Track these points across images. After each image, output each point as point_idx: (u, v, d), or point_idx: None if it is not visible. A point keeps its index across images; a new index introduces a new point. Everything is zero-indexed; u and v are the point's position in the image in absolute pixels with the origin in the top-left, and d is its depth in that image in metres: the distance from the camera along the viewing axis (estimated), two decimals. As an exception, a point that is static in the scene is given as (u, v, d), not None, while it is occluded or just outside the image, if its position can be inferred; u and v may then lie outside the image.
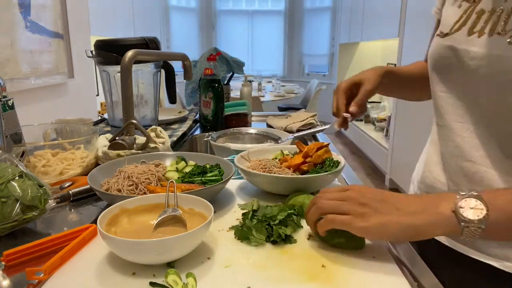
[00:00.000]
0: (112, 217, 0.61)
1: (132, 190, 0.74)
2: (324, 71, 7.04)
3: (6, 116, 0.81)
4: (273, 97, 4.77)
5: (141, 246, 0.52)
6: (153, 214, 0.65)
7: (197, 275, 0.52)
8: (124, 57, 1.01)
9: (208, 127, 1.49)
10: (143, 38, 1.31)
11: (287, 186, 0.77)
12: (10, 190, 0.64)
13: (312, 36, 7.04)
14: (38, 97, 1.83)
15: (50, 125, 1.09)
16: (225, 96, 1.61)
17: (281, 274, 0.53)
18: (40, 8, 1.76)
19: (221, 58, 1.79)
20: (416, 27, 3.23)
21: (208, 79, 1.45)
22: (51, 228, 0.70)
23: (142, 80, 1.39)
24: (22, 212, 0.64)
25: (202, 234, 0.57)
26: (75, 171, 0.92)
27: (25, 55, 1.63)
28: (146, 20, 5.20)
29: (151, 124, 1.40)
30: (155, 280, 0.51)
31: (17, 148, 0.83)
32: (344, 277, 0.53)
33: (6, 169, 0.67)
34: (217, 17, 7.20)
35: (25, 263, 0.57)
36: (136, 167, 0.81)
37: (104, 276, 0.53)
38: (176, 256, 0.55)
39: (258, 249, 0.60)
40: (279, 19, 7.24)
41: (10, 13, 1.53)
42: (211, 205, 0.61)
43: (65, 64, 2.02)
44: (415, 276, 0.55)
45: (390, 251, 0.60)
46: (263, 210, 0.66)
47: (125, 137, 0.99)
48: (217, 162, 0.87)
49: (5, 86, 0.82)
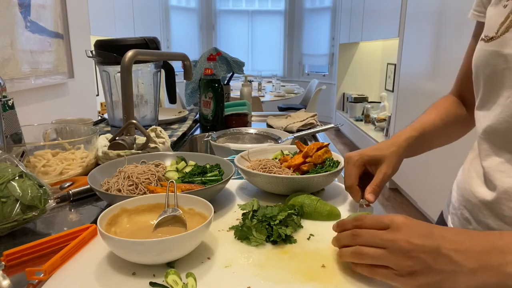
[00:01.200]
0: (112, 217, 0.61)
1: (132, 190, 0.74)
2: (324, 71, 7.04)
3: (6, 116, 0.81)
4: (273, 97, 4.77)
5: (141, 246, 0.52)
6: (153, 214, 0.65)
7: (197, 275, 0.52)
8: (124, 57, 1.01)
9: (208, 127, 1.49)
10: (143, 38, 1.31)
11: (287, 186, 0.77)
12: (10, 190, 0.64)
13: (312, 36, 7.04)
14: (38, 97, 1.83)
15: (50, 125, 1.09)
16: (225, 96, 1.61)
17: (281, 274, 0.53)
18: (40, 8, 1.76)
19: (221, 58, 1.79)
20: (416, 27, 3.23)
21: (208, 79, 1.45)
22: (51, 228, 0.70)
23: (142, 80, 1.39)
24: (22, 212, 0.64)
25: (202, 234, 0.57)
26: (75, 171, 0.92)
27: (25, 55, 1.63)
28: (146, 20, 5.20)
29: (151, 124, 1.40)
30: (155, 280, 0.51)
31: (17, 148, 0.83)
32: (344, 277, 0.53)
33: (6, 169, 0.67)
34: (217, 17, 7.20)
35: (25, 263, 0.57)
36: (136, 167, 0.81)
37: (104, 276, 0.53)
38: (176, 256, 0.55)
39: (258, 249, 0.60)
40: (279, 19, 7.24)
41: (10, 13, 1.53)
42: (211, 205, 0.61)
43: (65, 64, 2.02)
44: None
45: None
46: (263, 210, 0.66)
47: (125, 137, 0.99)
48: (217, 162, 0.87)
49: (5, 86, 0.82)
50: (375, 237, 0.48)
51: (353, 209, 0.74)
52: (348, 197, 0.81)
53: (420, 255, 0.44)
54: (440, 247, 0.44)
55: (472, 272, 0.43)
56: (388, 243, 0.46)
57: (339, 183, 0.89)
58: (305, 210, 0.71)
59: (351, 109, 5.58)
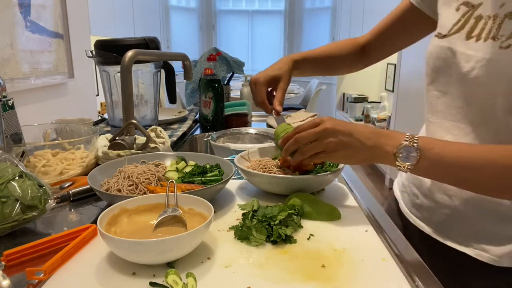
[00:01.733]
0: (112, 217, 0.61)
1: (132, 190, 0.74)
2: (324, 71, 7.04)
3: (6, 116, 0.81)
4: (273, 97, 4.76)
5: (141, 246, 0.52)
6: (153, 214, 0.65)
7: (197, 275, 0.52)
8: (124, 57, 1.01)
9: (208, 127, 1.49)
10: (143, 38, 1.31)
11: (287, 186, 0.77)
12: (10, 190, 0.64)
13: (312, 36, 7.03)
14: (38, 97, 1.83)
15: (50, 125, 1.09)
16: (225, 96, 1.61)
17: (281, 274, 0.53)
18: (40, 8, 1.76)
19: (221, 58, 1.79)
20: (416, 27, 3.23)
21: (208, 79, 1.45)
22: (51, 228, 0.70)
23: (142, 80, 1.39)
24: (22, 212, 0.64)
25: (202, 234, 0.57)
26: (75, 171, 0.92)
27: (25, 55, 1.63)
28: (146, 20, 5.20)
29: (151, 124, 1.40)
30: (155, 280, 0.51)
31: (17, 148, 0.83)
32: (344, 277, 0.53)
33: (6, 169, 0.67)
34: (217, 17, 7.19)
35: (25, 263, 0.57)
36: (136, 167, 0.81)
37: (104, 276, 0.53)
38: (176, 256, 0.55)
39: (258, 249, 0.60)
40: (279, 19, 7.24)
41: (10, 13, 1.53)
42: (211, 205, 0.61)
43: (65, 64, 2.02)
44: (415, 277, 0.55)
45: (390, 251, 0.60)
46: (263, 210, 0.66)
47: (125, 137, 0.99)
48: (217, 162, 0.87)
49: (5, 86, 0.82)
50: (310, 133, 0.68)
51: (279, 122, 0.87)
52: (349, 196, 0.81)
53: (340, 136, 0.65)
54: (352, 132, 0.65)
55: (370, 148, 0.64)
56: (320, 133, 0.67)
57: (339, 183, 0.89)
58: (305, 210, 0.71)
59: (351, 109, 5.57)
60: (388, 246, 0.62)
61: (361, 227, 0.68)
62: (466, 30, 0.66)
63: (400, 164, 0.61)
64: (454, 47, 0.68)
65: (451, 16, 0.70)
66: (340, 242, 0.62)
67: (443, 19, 0.73)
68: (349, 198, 0.81)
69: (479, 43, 0.63)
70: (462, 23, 0.67)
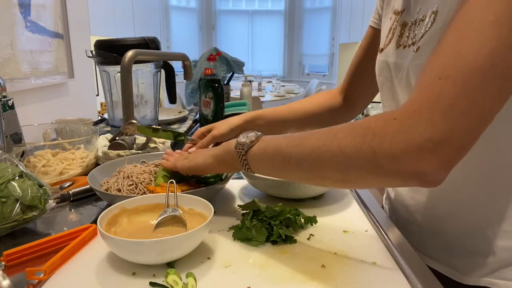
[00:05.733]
0: (112, 217, 0.61)
1: (132, 190, 0.74)
2: (324, 71, 7.04)
3: (6, 116, 0.81)
4: (273, 97, 4.76)
5: (141, 246, 0.52)
6: (153, 214, 0.65)
7: (197, 275, 0.52)
8: (124, 57, 1.01)
9: (208, 127, 1.49)
10: (143, 38, 1.31)
11: (287, 190, 0.76)
12: (10, 190, 0.64)
13: (312, 36, 7.03)
14: (38, 97, 1.83)
15: (50, 125, 1.09)
16: (225, 96, 1.60)
17: (281, 274, 0.53)
18: (40, 8, 1.76)
19: (221, 58, 1.79)
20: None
21: (208, 79, 1.45)
22: (51, 228, 0.70)
23: (142, 80, 1.39)
24: (22, 212, 0.64)
25: (202, 234, 0.57)
26: (75, 171, 0.92)
27: (25, 55, 1.63)
28: (146, 20, 5.20)
29: (151, 124, 1.40)
30: (155, 280, 0.51)
31: (17, 148, 0.83)
32: (344, 277, 0.53)
33: (6, 169, 0.67)
34: (217, 17, 7.19)
35: (25, 263, 0.57)
36: (136, 166, 0.81)
37: (104, 276, 0.53)
38: (176, 256, 0.55)
39: (258, 249, 0.60)
40: (279, 19, 7.24)
41: (10, 13, 1.53)
42: (211, 205, 0.61)
43: (65, 64, 2.02)
44: (415, 277, 0.54)
45: (390, 251, 0.60)
46: (263, 210, 0.66)
47: (125, 137, 0.99)
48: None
49: (5, 86, 0.82)
50: (170, 153, 0.78)
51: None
52: (349, 196, 0.81)
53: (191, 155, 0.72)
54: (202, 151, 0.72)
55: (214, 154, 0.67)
56: (175, 154, 0.77)
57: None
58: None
59: (351, 109, 5.57)
60: (388, 246, 0.62)
61: (361, 227, 0.68)
62: (395, 39, 0.66)
63: (241, 141, 0.61)
64: (388, 59, 0.67)
65: (386, 27, 0.70)
66: (340, 242, 0.62)
67: (382, 33, 0.72)
68: (349, 198, 0.81)
69: (404, 50, 0.63)
70: (392, 32, 0.67)
